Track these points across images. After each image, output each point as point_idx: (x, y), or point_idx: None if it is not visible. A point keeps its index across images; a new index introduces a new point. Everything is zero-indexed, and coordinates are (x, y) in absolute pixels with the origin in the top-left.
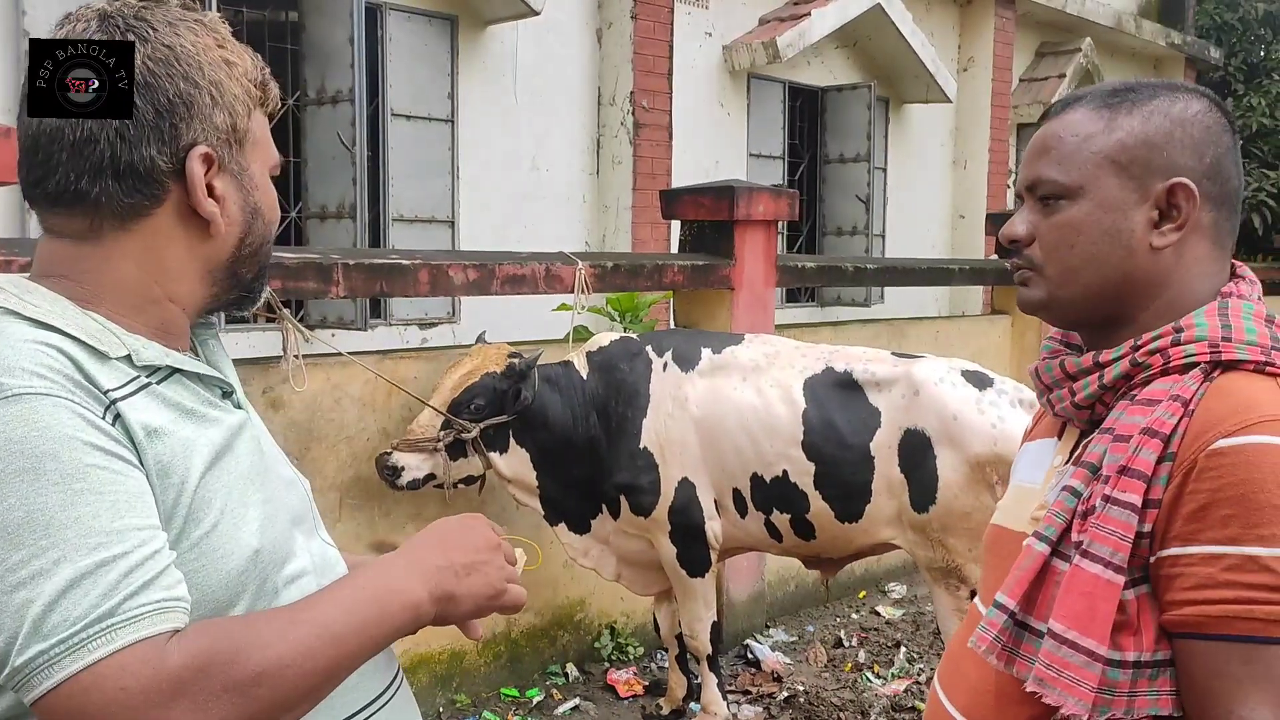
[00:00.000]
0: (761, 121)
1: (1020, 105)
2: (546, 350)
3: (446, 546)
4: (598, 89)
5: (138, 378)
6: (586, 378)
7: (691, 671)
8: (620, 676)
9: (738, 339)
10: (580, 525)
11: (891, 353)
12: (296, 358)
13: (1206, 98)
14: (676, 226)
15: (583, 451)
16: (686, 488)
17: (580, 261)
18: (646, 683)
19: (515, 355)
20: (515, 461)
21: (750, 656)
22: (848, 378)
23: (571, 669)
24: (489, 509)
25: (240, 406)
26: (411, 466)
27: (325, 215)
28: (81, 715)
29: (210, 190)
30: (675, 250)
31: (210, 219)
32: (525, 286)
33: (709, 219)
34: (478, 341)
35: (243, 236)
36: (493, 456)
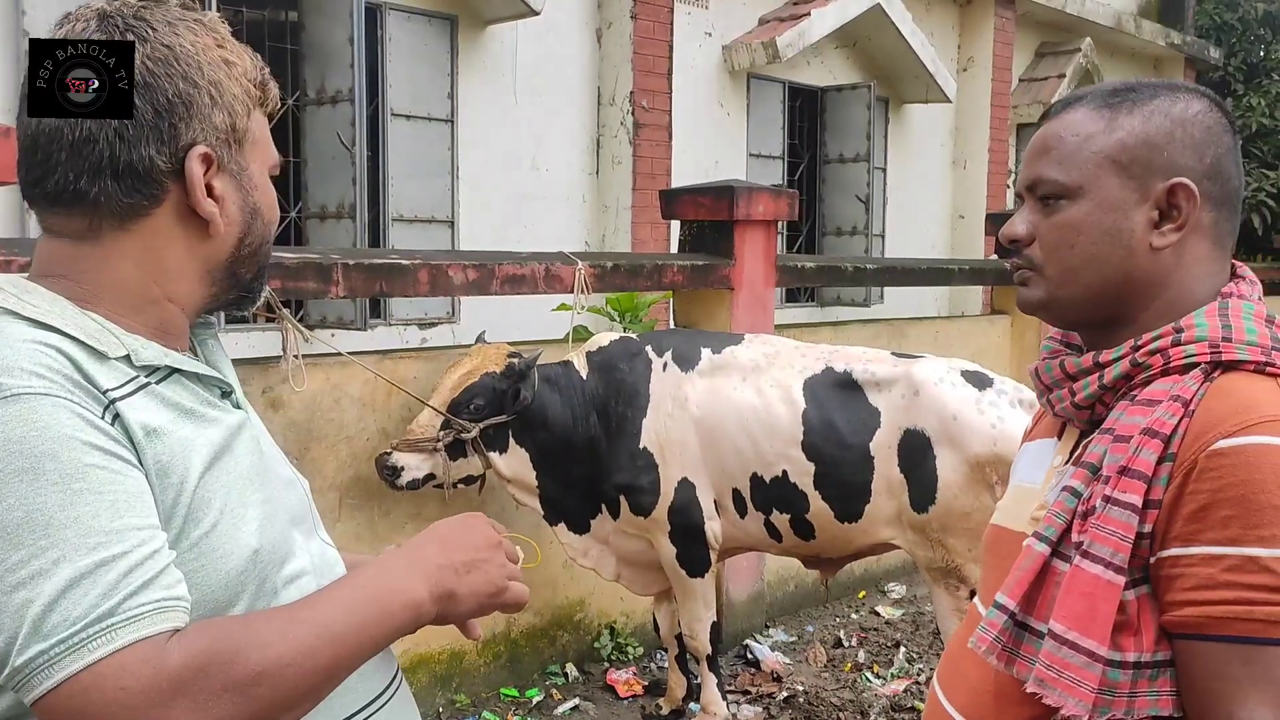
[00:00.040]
0: (761, 121)
1: (1020, 105)
2: (546, 350)
3: (446, 545)
4: (597, 89)
5: (137, 377)
6: (586, 378)
7: (691, 671)
8: (620, 676)
9: (737, 339)
10: (580, 525)
11: (891, 353)
12: (296, 358)
13: (1207, 98)
14: (676, 226)
15: (582, 451)
16: (686, 488)
17: (580, 261)
18: (646, 683)
19: (515, 355)
20: (515, 461)
21: (750, 656)
22: (847, 378)
23: (571, 669)
24: (489, 509)
25: (239, 406)
26: (411, 466)
27: (325, 215)
28: (82, 715)
29: (209, 190)
30: (675, 250)
31: (209, 219)
32: (525, 286)
33: (709, 219)
34: (477, 341)
35: (242, 236)
36: (492, 456)
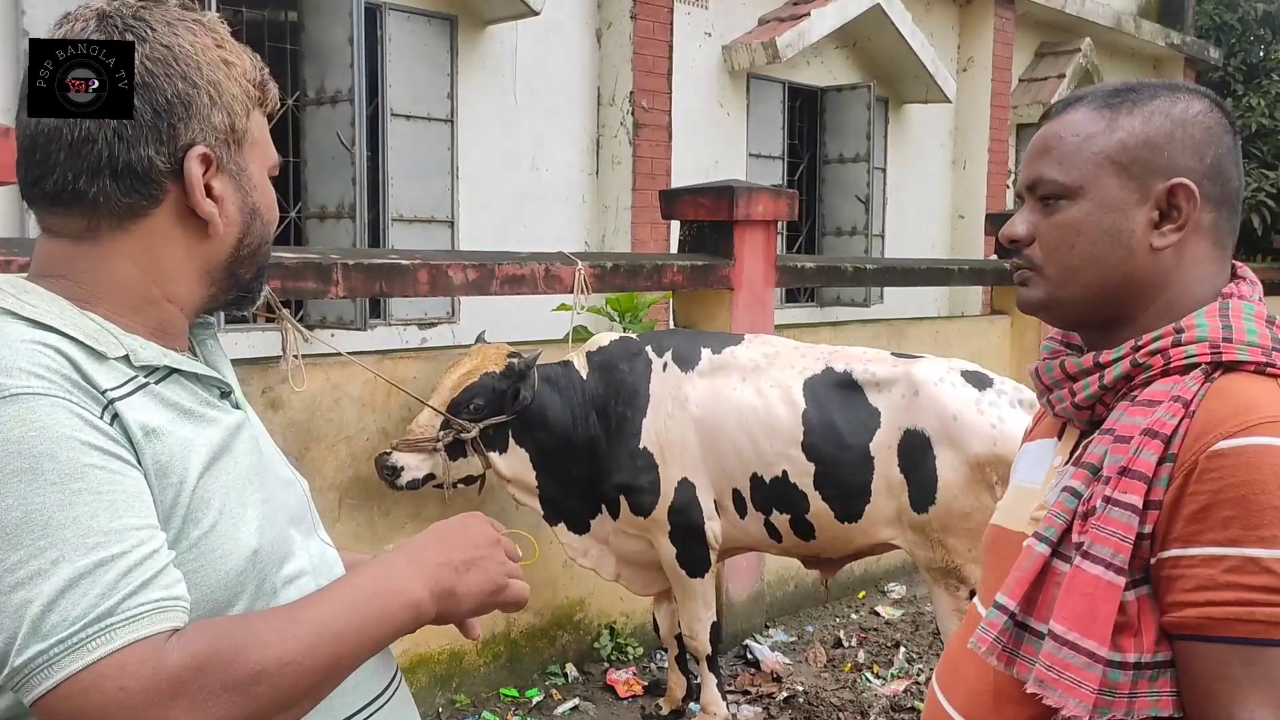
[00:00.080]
0: (761, 121)
1: (1020, 105)
2: (546, 350)
3: (445, 544)
4: (597, 89)
5: (135, 377)
6: (586, 378)
7: (691, 672)
8: (620, 677)
9: (737, 339)
10: (580, 525)
11: (891, 353)
12: (296, 358)
13: (1207, 98)
14: (676, 226)
15: (582, 451)
16: (686, 488)
17: (580, 261)
18: (646, 683)
19: (514, 355)
20: (515, 461)
21: (750, 657)
22: (847, 378)
23: (571, 669)
24: (488, 509)
25: (238, 406)
26: (411, 466)
27: (325, 215)
28: (81, 715)
29: (208, 190)
30: (675, 250)
31: (208, 219)
32: (525, 286)
33: (708, 219)
34: (477, 341)
35: (241, 237)
36: (492, 456)
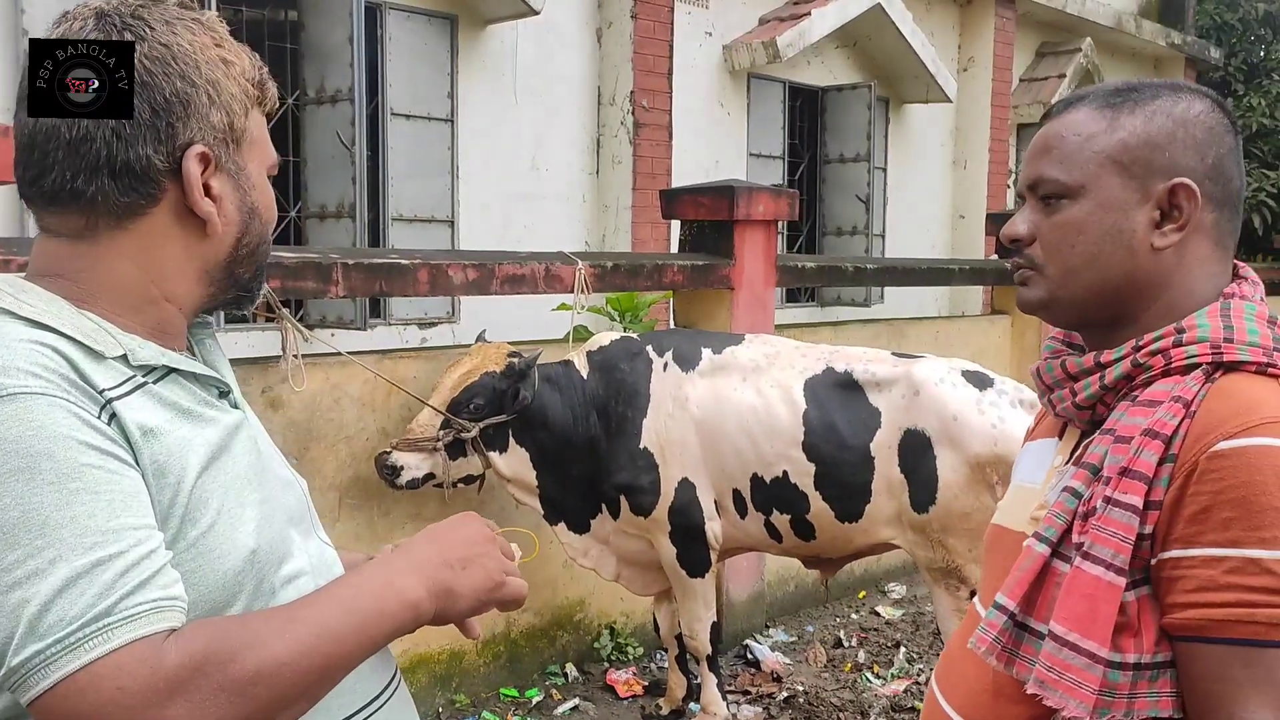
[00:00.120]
0: (761, 121)
1: (1020, 105)
2: (546, 350)
3: (442, 544)
4: (597, 89)
5: (134, 377)
6: (586, 377)
7: (691, 672)
8: (620, 676)
9: (738, 339)
10: (580, 525)
11: (891, 353)
12: (296, 357)
13: (1209, 98)
14: (676, 226)
15: (582, 451)
16: (686, 488)
17: (580, 261)
18: (646, 683)
19: (515, 355)
20: (515, 461)
21: (750, 657)
22: (848, 378)
23: (571, 669)
24: (489, 508)
25: (237, 406)
26: (411, 466)
27: (325, 215)
28: (78, 715)
29: (207, 190)
30: (675, 250)
31: (207, 219)
32: (525, 286)
33: (709, 219)
34: (477, 341)
35: (240, 236)
36: (492, 456)
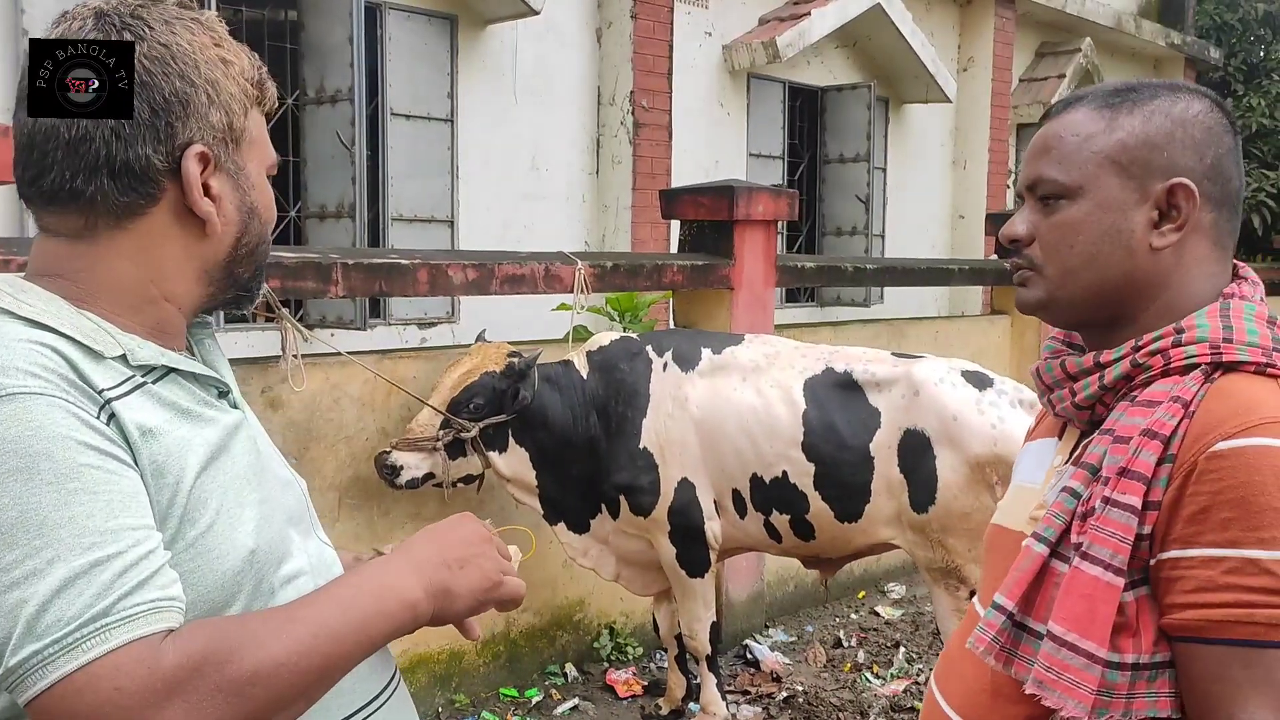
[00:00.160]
0: (761, 121)
1: (1020, 105)
2: (546, 350)
3: (439, 544)
4: (597, 89)
5: (133, 377)
6: (586, 377)
7: (691, 671)
8: (619, 676)
9: (738, 339)
10: (579, 525)
11: (891, 353)
12: (295, 357)
13: (1208, 98)
14: (676, 226)
15: (582, 451)
16: (686, 488)
17: (580, 261)
18: (645, 683)
19: (515, 354)
20: (514, 461)
21: (749, 656)
22: (848, 378)
23: (570, 669)
24: (488, 508)
25: (236, 406)
26: (410, 465)
27: (324, 215)
28: (75, 715)
29: (206, 189)
30: (675, 250)
31: (206, 218)
32: (525, 286)
33: (708, 219)
34: (477, 341)
35: (239, 236)
36: (492, 456)
